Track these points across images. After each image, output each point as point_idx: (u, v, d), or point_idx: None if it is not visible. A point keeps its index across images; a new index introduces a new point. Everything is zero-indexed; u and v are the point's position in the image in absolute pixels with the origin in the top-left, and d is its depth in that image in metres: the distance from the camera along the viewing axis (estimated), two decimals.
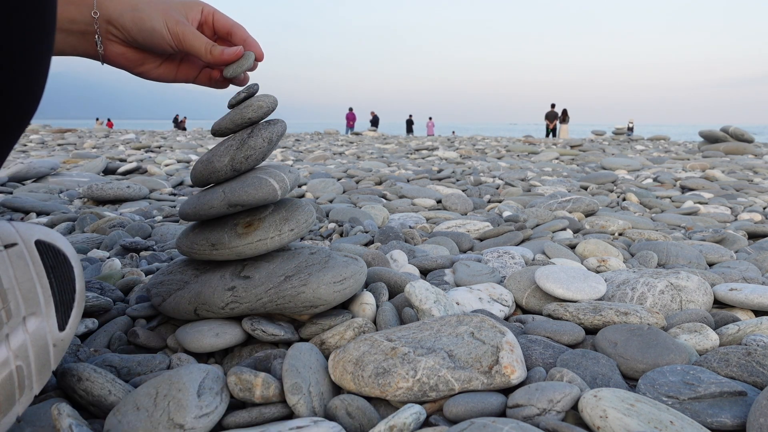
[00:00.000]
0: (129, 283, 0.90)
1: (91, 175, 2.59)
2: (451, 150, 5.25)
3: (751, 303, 0.86)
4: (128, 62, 0.74)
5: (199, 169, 0.73)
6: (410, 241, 1.35)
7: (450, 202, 2.01)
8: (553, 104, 13.83)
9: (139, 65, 0.75)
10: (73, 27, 0.68)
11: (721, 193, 2.40)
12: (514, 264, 1.10)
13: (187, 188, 2.47)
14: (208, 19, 0.75)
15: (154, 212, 1.74)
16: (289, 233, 0.72)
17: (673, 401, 0.55)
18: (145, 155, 4.18)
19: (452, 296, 0.87)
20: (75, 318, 0.51)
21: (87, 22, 0.68)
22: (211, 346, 0.67)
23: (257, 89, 0.74)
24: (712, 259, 1.27)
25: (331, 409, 0.55)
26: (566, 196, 1.97)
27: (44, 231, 0.49)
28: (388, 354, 0.59)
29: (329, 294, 0.70)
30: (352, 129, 15.43)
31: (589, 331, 0.77)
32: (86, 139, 6.34)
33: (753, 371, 0.61)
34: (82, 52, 0.71)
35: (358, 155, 4.65)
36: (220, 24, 0.76)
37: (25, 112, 0.45)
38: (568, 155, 4.60)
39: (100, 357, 0.65)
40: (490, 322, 0.64)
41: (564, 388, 0.53)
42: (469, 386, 0.56)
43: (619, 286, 0.92)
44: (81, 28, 0.68)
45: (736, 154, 4.83)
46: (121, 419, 0.50)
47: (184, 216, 0.74)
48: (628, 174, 3.22)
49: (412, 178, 2.77)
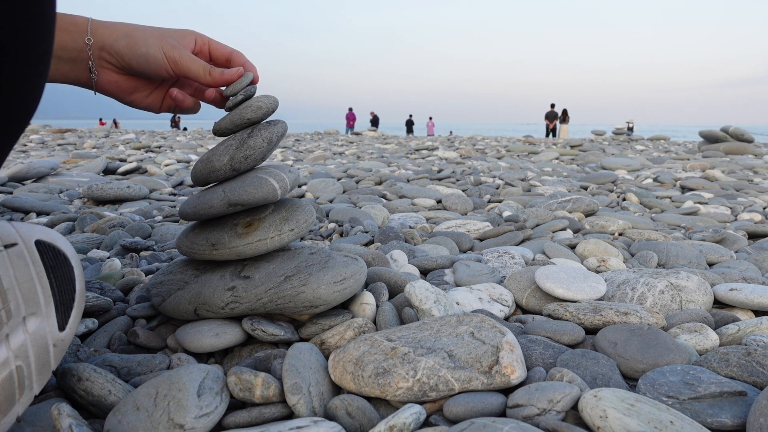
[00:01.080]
0: (129, 283, 0.90)
1: (91, 175, 2.59)
2: (451, 150, 5.25)
3: (751, 303, 0.86)
4: (120, 90, 0.74)
5: (198, 168, 0.73)
6: (410, 241, 1.35)
7: (450, 202, 2.01)
8: (553, 104, 13.82)
9: (130, 93, 0.75)
10: (65, 54, 0.68)
11: (721, 193, 2.40)
12: (514, 264, 1.10)
13: (187, 188, 2.47)
14: (203, 49, 0.76)
15: (154, 212, 1.74)
16: (289, 233, 0.72)
17: (673, 401, 0.55)
18: (145, 155, 4.18)
19: (452, 296, 0.87)
20: (75, 318, 0.51)
21: (79, 48, 0.68)
22: (211, 346, 0.67)
23: (254, 91, 0.74)
24: (712, 259, 1.27)
25: (331, 409, 0.55)
26: (566, 196, 1.97)
27: (44, 231, 0.49)
28: (388, 354, 0.59)
29: (329, 294, 0.70)
30: (352, 129, 15.43)
31: (589, 331, 0.77)
32: (86, 139, 6.34)
33: (753, 371, 0.61)
34: (73, 80, 0.71)
35: (358, 155, 4.65)
36: (218, 52, 0.76)
37: (25, 113, 0.45)
38: (568, 155, 4.60)
39: (100, 357, 0.65)
40: (490, 322, 0.64)
41: (564, 388, 0.53)
42: (469, 386, 0.56)
43: (619, 286, 0.92)
44: (73, 55, 0.69)
45: (736, 154, 4.83)
46: (121, 419, 0.50)
47: (184, 216, 0.74)
48: (628, 174, 3.22)
49: (412, 178, 2.77)
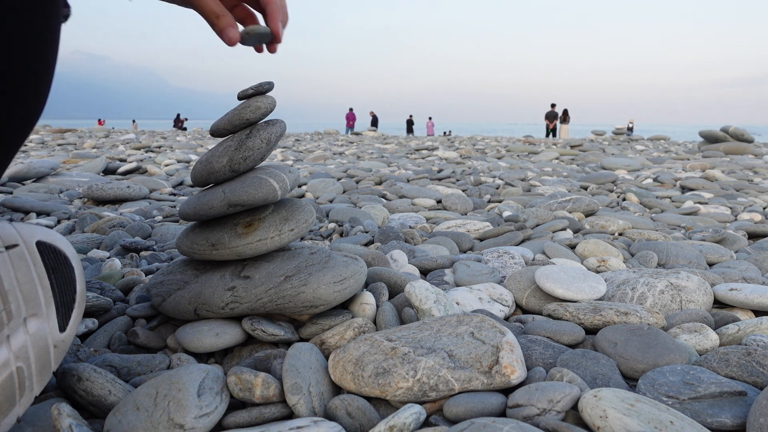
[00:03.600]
0: (129, 283, 0.90)
1: (91, 175, 2.59)
2: (451, 150, 5.25)
3: (751, 303, 0.86)
4: None
5: (198, 169, 0.73)
6: (410, 241, 1.35)
7: (450, 202, 2.01)
8: (554, 104, 13.81)
9: None
10: None
11: (721, 193, 2.40)
12: (514, 264, 1.10)
13: (187, 188, 2.47)
14: None
15: (154, 212, 1.74)
16: (289, 233, 0.72)
17: (673, 401, 0.55)
18: (145, 155, 4.18)
19: (452, 296, 0.87)
20: (75, 319, 0.51)
21: None
22: (211, 346, 0.67)
23: (269, 88, 0.73)
24: (712, 259, 1.27)
25: (331, 409, 0.55)
26: (566, 196, 1.97)
27: (45, 232, 0.49)
28: (388, 354, 0.59)
29: (329, 294, 0.70)
30: (352, 129, 15.42)
31: (589, 331, 0.77)
32: (86, 139, 6.34)
33: (753, 371, 0.61)
34: None
35: (358, 155, 4.65)
36: None
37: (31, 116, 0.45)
38: (568, 155, 4.60)
39: (100, 357, 0.65)
40: (490, 322, 0.64)
41: (564, 388, 0.53)
42: (469, 386, 0.56)
43: (619, 286, 0.92)
44: None
45: (736, 154, 4.83)
46: (121, 419, 0.50)
47: (184, 216, 0.74)
48: (628, 174, 3.22)
49: (412, 178, 2.77)
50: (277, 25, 0.70)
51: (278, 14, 0.71)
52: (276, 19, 0.70)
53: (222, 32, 0.67)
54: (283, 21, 0.72)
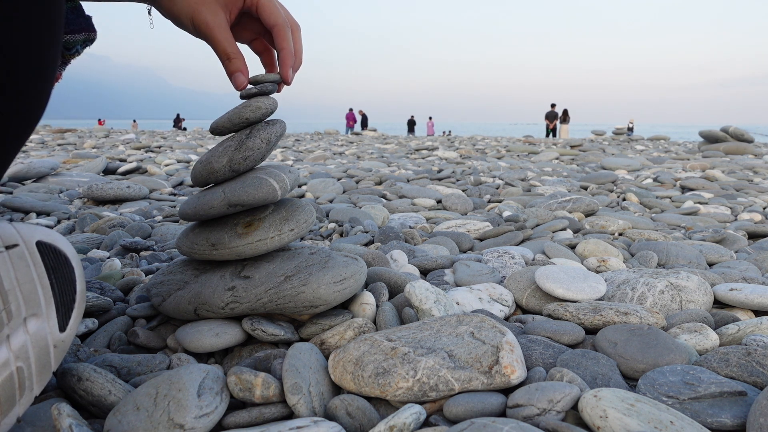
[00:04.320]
0: (129, 283, 0.90)
1: (91, 175, 2.59)
2: (451, 150, 5.25)
3: (751, 303, 0.86)
4: None
5: (198, 169, 0.73)
6: (410, 241, 1.35)
7: (450, 202, 2.01)
8: (554, 104, 13.81)
9: None
10: None
11: (721, 193, 2.40)
12: (514, 264, 1.10)
13: (187, 188, 2.47)
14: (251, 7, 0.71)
15: (154, 212, 1.74)
16: (289, 233, 0.72)
17: (673, 401, 0.55)
18: (145, 155, 4.18)
19: (452, 296, 0.87)
20: (76, 319, 0.51)
21: None
22: (211, 346, 0.67)
23: (272, 89, 0.73)
24: (712, 259, 1.27)
25: (331, 409, 0.55)
26: (566, 196, 1.97)
27: (45, 232, 0.49)
28: (388, 354, 0.59)
29: (329, 294, 0.70)
30: (352, 129, 15.43)
31: (589, 331, 0.77)
32: (86, 139, 6.34)
33: (753, 371, 0.61)
34: None
35: (358, 155, 4.65)
36: (264, 16, 0.71)
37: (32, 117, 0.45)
38: (568, 155, 4.60)
39: (100, 357, 0.65)
40: (490, 322, 0.64)
41: (564, 388, 0.53)
42: (469, 386, 0.56)
43: (619, 286, 0.92)
44: None
45: (736, 154, 4.83)
46: (121, 419, 0.50)
47: (184, 216, 0.74)
48: (628, 174, 3.22)
49: (412, 178, 2.77)
50: (287, 72, 0.73)
51: (290, 61, 0.73)
52: (287, 66, 0.73)
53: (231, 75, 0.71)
54: (295, 67, 0.74)
